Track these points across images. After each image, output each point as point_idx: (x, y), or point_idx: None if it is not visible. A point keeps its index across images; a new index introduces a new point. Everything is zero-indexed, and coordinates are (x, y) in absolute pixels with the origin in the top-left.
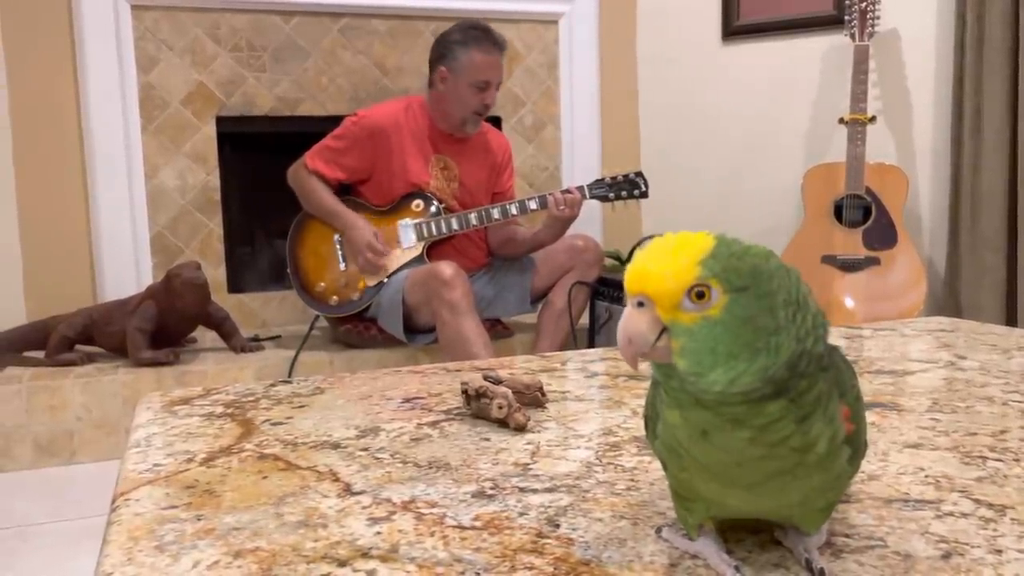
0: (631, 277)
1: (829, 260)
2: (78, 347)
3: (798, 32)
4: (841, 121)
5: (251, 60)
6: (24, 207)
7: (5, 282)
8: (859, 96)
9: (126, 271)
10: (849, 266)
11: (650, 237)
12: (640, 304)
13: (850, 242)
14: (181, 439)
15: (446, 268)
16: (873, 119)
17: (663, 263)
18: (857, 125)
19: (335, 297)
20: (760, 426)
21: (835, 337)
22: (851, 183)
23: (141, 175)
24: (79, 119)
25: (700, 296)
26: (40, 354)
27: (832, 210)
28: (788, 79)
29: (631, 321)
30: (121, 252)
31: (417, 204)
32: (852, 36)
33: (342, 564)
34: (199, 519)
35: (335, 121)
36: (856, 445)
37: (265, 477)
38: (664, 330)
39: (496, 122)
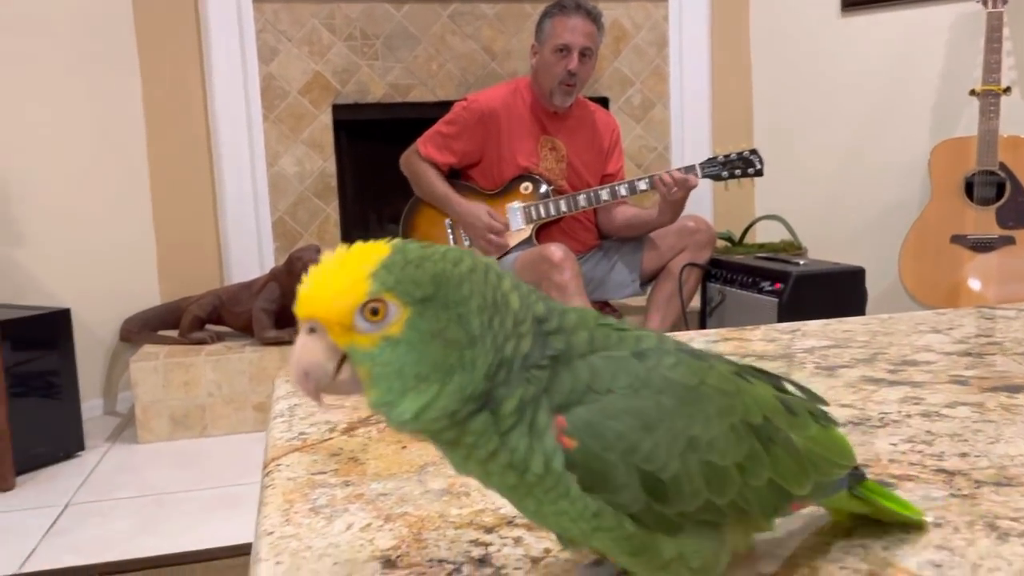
0: (299, 299)
1: (959, 240)
2: (208, 326)
3: (924, 0)
4: (972, 93)
5: (364, 48)
6: (157, 197)
7: (141, 266)
8: (992, 66)
9: (250, 255)
10: (981, 246)
11: (766, 217)
12: (312, 330)
13: (982, 221)
14: (321, 410)
15: (556, 250)
16: (1008, 90)
17: (330, 281)
18: (990, 96)
19: None
20: (469, 444)
21: (972, 318)
22: (983, 158)
23: (263, 163)
24: (206, 111)
25: (375, 313)
26: (174, 333)
27: (962, 187)
28: (913, 50)
29: (304, 350)
30: (245, 237)
31: (526, 187)
32: (984, 3)
33: (488, 531)
34: (347, 484)
35: (445, 106)
36: (583, 464)
37: (404, 447)
38: (345, 358)
39: (604, 103)
